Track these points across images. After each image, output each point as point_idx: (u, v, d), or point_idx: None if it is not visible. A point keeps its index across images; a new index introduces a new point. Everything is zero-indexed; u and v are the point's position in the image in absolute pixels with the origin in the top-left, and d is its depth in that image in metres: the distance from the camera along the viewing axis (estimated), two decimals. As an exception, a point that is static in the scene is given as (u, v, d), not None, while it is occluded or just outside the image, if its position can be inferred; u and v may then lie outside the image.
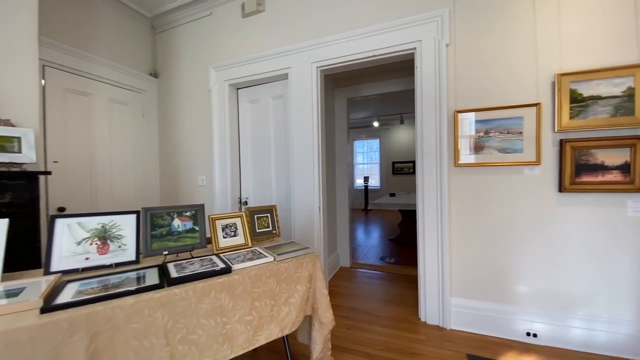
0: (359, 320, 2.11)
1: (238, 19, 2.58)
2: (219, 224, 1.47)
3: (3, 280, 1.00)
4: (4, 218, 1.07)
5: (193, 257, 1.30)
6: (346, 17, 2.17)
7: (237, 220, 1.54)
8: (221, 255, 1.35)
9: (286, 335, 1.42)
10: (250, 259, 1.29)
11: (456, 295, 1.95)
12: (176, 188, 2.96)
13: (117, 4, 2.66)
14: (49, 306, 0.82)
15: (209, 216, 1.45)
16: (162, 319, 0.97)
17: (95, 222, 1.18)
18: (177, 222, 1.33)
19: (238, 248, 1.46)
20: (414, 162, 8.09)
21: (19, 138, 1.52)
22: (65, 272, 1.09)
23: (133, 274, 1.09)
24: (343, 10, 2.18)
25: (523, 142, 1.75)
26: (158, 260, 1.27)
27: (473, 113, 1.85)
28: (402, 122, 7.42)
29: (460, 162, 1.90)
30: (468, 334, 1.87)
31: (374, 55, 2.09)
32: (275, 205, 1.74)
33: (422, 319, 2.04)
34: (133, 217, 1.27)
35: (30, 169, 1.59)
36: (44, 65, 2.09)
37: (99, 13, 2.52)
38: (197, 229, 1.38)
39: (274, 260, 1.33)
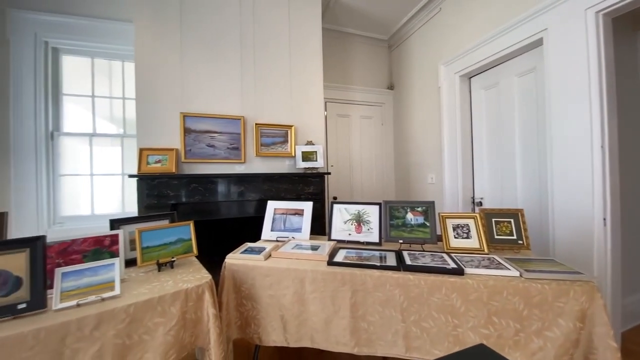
0: None
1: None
2: (450, 222, 1.43)
3: (310, 239, 1.63)
4: (309, 201, 1.73)
5: (424, 251, 1.37)
6: None
7: (470, 222, 1.42)
8: (452, 255, 1.31)
9: (539, 376, 1.11)
10: (487, 267, 1.14)
11: None
12: (407, 185, 3.25)
13: (364, 39, 3.37)
14: (331, 262, 1.23)
15: (439, 214, 1.46)
16: (399, 298, 1.11)
17: (354, 209, 1.60)
18: (410, 216, 1.47)
19: (471, 251, 1.34)
20: None
21: (315, 152, 2.38)
22: (338, 241, 1.56)
23: (377, 253, 1.34)
24: None
25: None
26: (395, 246, 1.47)
27: None
28: None
29: None
30: None
31: None
32: (521, 210, 1.41)
33: None
34: (376, 207, 1.57)
35: (320, 171, 2.45)
36: (325, 102, 3.11)
37: (353, 51, 3.33)
38: (427, 224, 1.45)
39: (520, 275, 1.09)
